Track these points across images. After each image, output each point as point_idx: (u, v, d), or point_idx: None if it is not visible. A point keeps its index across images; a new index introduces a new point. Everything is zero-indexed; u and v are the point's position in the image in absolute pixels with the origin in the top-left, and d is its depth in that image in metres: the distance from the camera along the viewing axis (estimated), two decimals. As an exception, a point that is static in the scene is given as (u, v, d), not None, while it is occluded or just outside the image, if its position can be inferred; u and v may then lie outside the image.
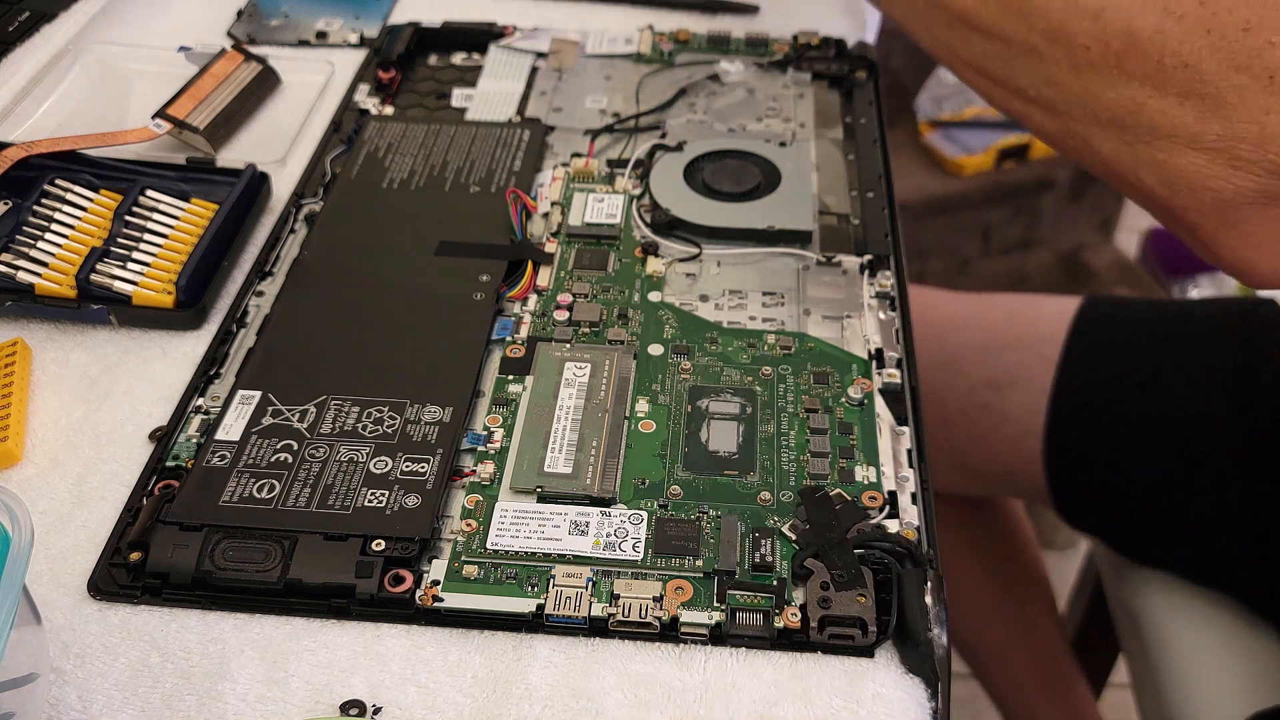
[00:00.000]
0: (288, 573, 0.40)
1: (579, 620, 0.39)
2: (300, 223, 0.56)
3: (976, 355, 0.74)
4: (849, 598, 0.39)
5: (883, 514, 0.42)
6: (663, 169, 0.58)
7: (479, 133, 0.61)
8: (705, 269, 0.53)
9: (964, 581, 0.86)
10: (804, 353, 0.49)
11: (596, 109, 0.64)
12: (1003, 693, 0.89)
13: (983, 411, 0.73)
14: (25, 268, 0.50)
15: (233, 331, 0.50)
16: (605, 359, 0.48)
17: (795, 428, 0.46)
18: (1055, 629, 0.88)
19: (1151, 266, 1.45)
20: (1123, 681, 0.82)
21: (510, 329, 0.50)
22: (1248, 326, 0.69)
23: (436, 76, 0.67)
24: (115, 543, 0.42)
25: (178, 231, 0.54)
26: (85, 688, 0.38)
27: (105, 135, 0.58)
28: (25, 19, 0.66)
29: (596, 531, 0.41)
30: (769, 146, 0.59)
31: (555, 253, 0.54)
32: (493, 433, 0.45)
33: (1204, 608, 0.66)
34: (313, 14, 0.72)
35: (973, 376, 0.73)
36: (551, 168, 0.59)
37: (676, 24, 0.71)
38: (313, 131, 0.62)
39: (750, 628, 0.39)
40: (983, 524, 0.87)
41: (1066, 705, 0.86)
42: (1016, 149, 1.38)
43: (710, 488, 0.43)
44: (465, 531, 0.42)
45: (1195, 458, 0.66)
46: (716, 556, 0.41)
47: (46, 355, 0.50)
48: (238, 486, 0.42)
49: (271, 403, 0.46)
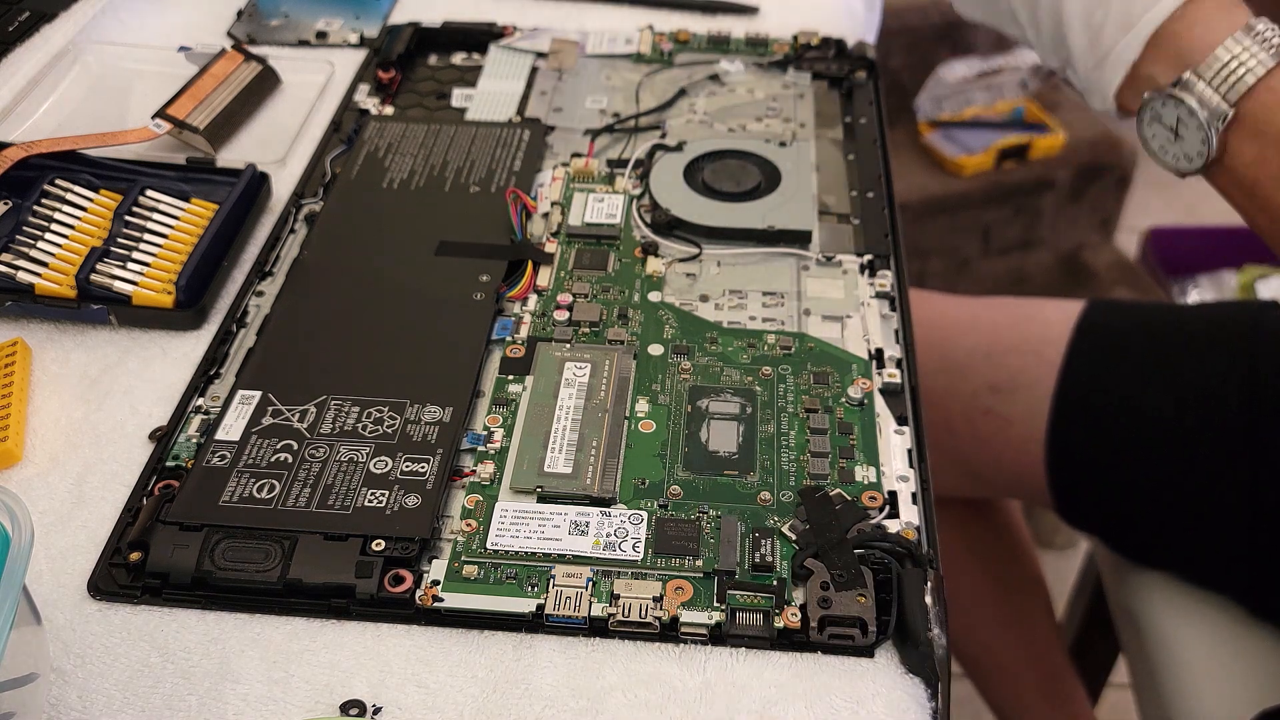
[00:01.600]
0: (288, 573, 0.40)
1: (579, 620, 0.39)
2: (300, 223, 0.56)
3: (979, 359, 0.74)
4: (849, 598, 0.39)
5: (883, 514, 0.42)
6: (663, 169, 0.58)
7: (479, 133, 0.61)
8: (705, 269, 0.53)
9: (960, 584, 0.86)
10: (804, 353, 0.49)
11: (596, 109, 0.64)
12: (1000, 699, 0.89)
13: (985, 415, 0.73)
14: (25, 268, 0.50)
15: (233, 331, 0.50)
16: (605, 359, 0.48)
17: (795, 428, 0.46)
18: (1052, 632, 0.88)
19: (1151, 266, 1.45)
20: (1123, 682, 0.82)
21: (510, 329, 0.50)
22: (1250, 330, 0.69)
23: (436, 76, 0.67)
24: (115, 543, 0.42)
25: (178, 231, 0.54)
26: (85, 688, 0.38)
27: (105, 135, 0.58)
28: (25, 19, 0.66)
29: (596, 531, 0.41)
30: (769, 146, 0.59)
31: (555, 253, 0.54)
32: (493, 433, 0.45)
33: (1204, 609, 0.66)
34: (313, 14, 0.72)
35: (975, 380, 0.73)
36: (551, 168, 0.59)
37: (676, 24, 0.71)
38: (313, 131, 0.62)
39: (750, 628, 0.39)
40: (979, 526, 0.87)
41: (1063, 710, 0.86)
42: (1016, 149, 1.38)
43: (710, 488, 0.43)
44: (465, 531, 0.42)
45: (1197, 461, 0.66)
46: (716, 556, 0.41)
47: (46, 355, 0.50)
48: (238, 486, 0.42)
49: (271, 403, 0.46)
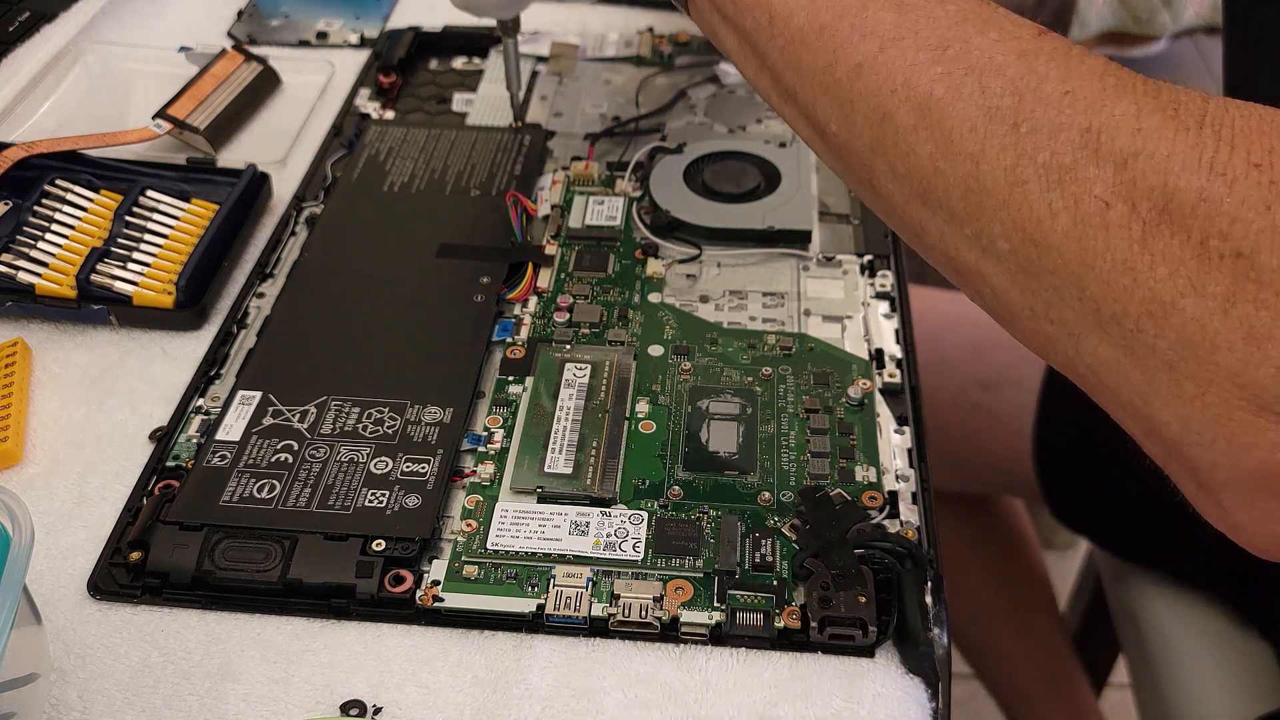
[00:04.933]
0: (288, 573, 0.40)
1: (579, 620, 0.39)
2: (301, 225, 0.56)
3: (968, 354, 0.74)
4: (849, 598, 0.39)
5: (883, 514, 0.42)
6: (663, 171, 0.58)
7: (479, 137, 0.61)
8: (705, 270, 0.53)
9: (965, 579, 0.86)
10: (804, 353, 0.49)
11: (596, 112, 0.64)
12: (1003, 690, 0.89)
13: (974, 410, 0.73)
14: (26, 268, 0.50)
15: (233, 332, 0.50)
16: (605, 360, 0.48)
17: (795, 428, 0.46)
18: (1056, 626, 0.88)
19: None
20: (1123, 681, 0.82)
21: (510, 330, 0.50)
22: None
23: (437, 81, 0.67)
24: (115, 542, 0.42)
25: (178, 232, 0.54)
26: (86, 687, 0.38)
27: (105, 135, 0.58)
28: (25, 19, 0.66)
29: (596, 531, 0.41)
30: (769, 147, 0.59)
31: (555, 254, 0.54)
32: (493, 433, 0.45)
33: (1204, 609, 0.66)
34: (313, 14, 0.72)
35: (964, 375, 0.74)
36: (552, 172, 0.59)
37: (676, 26, 0.71)
38: (313, 132, 0.62)
39: (750, 628, 0.39)
40: (983, 521, 0.87)
41: (1067, 703, 0.86)
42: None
43: (710, 488, 0.43)
44: (465, 532, 0.42)
45: None
46: (716, 556, 0.41)
47: (47, 355, 0.50)
48: (238, 486, 0.42)
49: (272, 403, 0.46)
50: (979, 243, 0.33)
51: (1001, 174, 0.32)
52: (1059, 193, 0.31)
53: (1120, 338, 0.30)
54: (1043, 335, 0.33)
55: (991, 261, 0.33)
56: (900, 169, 0.34)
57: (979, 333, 0.74)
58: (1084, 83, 0.31)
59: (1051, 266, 0.31)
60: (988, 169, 0.32)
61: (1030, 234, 0.31)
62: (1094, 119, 0.30)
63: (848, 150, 0.36)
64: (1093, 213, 0.30)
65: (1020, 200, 0.31)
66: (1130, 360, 0.30)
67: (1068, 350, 0.32)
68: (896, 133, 0.34)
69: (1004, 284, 0.33)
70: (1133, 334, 0.30)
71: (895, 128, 0.34)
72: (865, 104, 0.35)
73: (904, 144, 0.34)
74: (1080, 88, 0.31)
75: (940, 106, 0.33)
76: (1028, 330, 0.33)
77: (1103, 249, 0.30)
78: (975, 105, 0.32)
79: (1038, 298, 0.32)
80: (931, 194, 0.34)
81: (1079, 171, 0.30)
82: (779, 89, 0.39)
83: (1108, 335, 0.31)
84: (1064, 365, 0.33)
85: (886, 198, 0.36)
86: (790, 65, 0.37)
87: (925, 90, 0.33)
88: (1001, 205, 0.32)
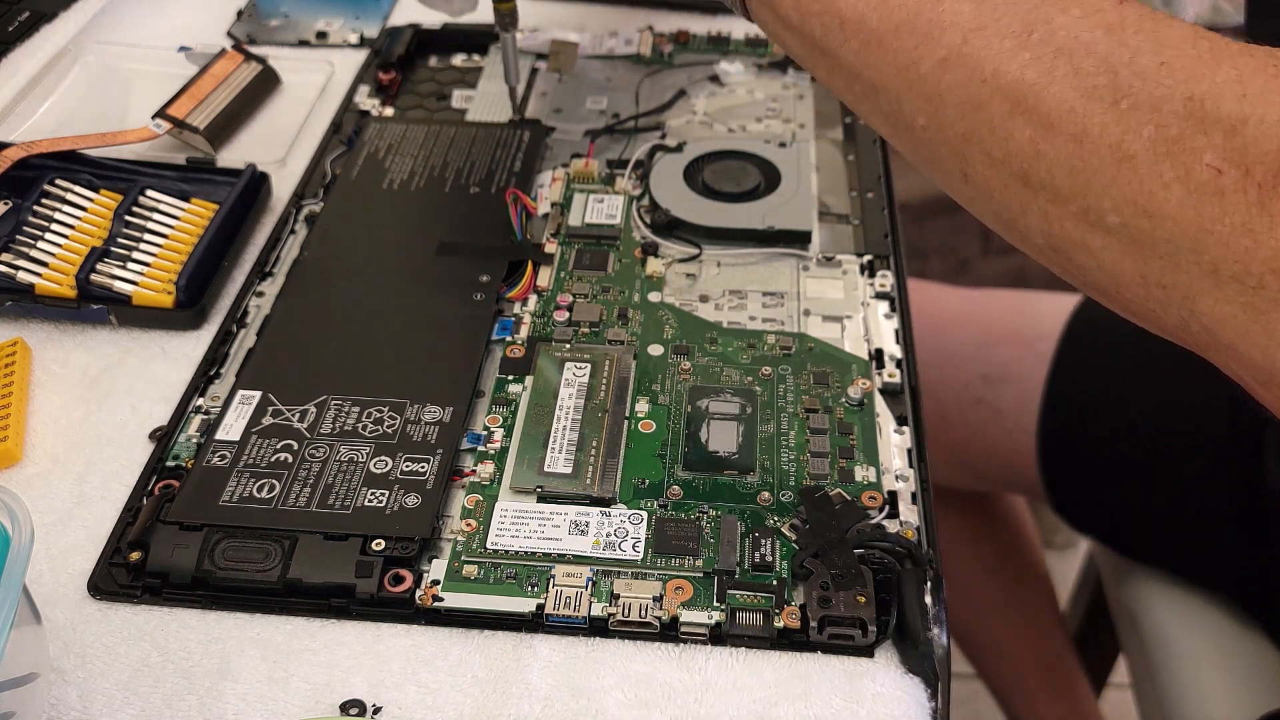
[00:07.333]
0: (288, 572, 0.40)
1: (579, 620, 0.39)
2: (300, 223, 0.56)
3: (972, 350, 0.74)
4: (849, 598, 0.39)
5: (883, 514, 0.42)
6: (663, 170, 0.58)
7: (479, 134, 0.61)
8: (705, 269, 0.53)
9: (965, 576, 0.86)
10: (804, 353, 0.49)
11: (596, 110, 0.64)
12: (1003, 688, 0.89)
13: (977, 406, 0.73)
14: (25, 268, 0.50)
15: (233, 331, 0.50)
16: (605, 359, 0.48)
17: (795, 428, 0.46)
18: (1056, 624, 0.88)
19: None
20: (1123, 681, 0.82)
21: (510, 329, 0.50)
22: None
23: (437, 78, 0.67)
24: (115, 542, 0.42)
25: (178, 231, 0.54)
26: (86, 687, 0.38)
27: (105, 135, 0.58)
28: (25, 19, 0.66)
29: (596, 531, 0.41)
30: (769, 147, 0.59)
31: (555, 253, 0.54)
32: (493, 433, 0.45)
33: (1205, 609, 0.66)
34: (313, 14, 0.72)
35: (968, 371, 0.73)
36: (551, 169, 0.59)
37: (676, 24, 0.71)
38: (313, 132, 0.62)
39: (750, 628, 0.39)
40: (984, 519, 0.87)
41: (1067, 701, 0.86)
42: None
43: (710, 488, 0.43)
44: (465, 531, 0.42)
45: (1188, 457, 0.66)
46: (716, 556, 0.41)
47: (46, 355, 0.50)
48: (238, 486, 0.42)
49: (271, 403, 0.46)
50: (1086, 219, 0.33)
51: (1107, 151, 0.32)
52: (1169, 164, 0.30)
53: (1240, 295, 0.30)
54: (1153, 301, 0.33)
55: (1100, 235, 0.33)
56: (998, 155, 0.34)
57: (983, 329, 0.74)
58: (1178, 51, 0.31)
59: (1167, 235, 0.31)
60: (1092, 147, 0.32)
61: (1143, 206, 0.31)
62: (1195, 88, 0.30)
63: (938, 142, 0.36)
64: (1206, 181, 0.30)
65: (1129, 175, 0.31)
66: (1250, 316, 0.30)
67: (1180, 313, 0.32)
68: (992, 121, 0.34)
69: (1114, 256, 0.33)
70: (1254, 290, 0.30)
71: (989, 116, 0.34)
72: (955, 96, 0.35)
73: (1001, 131, 0.34)
74: (1175, 58, 0.31)
75: (1035, 92, 0.33)
76: (1137, 298, 0.33)
77: (1219, 215, 0.30)
78: (1070, 86, 0.32)
79: (1150, 265, 0.32)
80: (1033, 176, 0.34)
81: (1187, 142, 0.30)
82: (855, 89, 0.39)
83: (1225, 294, 0.30)
84: (1174, 327, 0.33)
85: (982, 185, 0.36)
86: (869, 66, 0.37)
87: (1016, 76, 0.33)
88: (1110, 181, 0.32)
